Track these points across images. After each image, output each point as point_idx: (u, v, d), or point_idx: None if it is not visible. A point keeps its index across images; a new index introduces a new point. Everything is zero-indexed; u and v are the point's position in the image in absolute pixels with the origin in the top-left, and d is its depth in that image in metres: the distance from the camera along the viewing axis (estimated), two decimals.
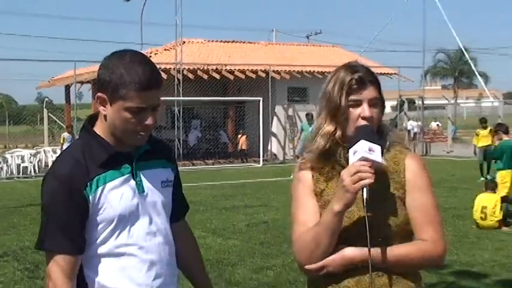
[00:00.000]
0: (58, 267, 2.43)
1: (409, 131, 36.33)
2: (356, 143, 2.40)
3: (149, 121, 2.43)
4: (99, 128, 2.53)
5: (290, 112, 30.92)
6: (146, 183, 2.57)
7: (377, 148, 2.38)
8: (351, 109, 2.51)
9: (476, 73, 44.02)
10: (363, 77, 2.54)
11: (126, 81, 2.35)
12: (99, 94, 2.42)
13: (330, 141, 2.55)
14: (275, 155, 30.46)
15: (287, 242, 10.29)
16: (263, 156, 28.72)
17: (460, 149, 31.70)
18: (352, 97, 2.52)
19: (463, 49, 41.67)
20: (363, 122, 2.50)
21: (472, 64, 44.21)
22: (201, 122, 31.73)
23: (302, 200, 2.59)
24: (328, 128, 2.54)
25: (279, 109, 30.60)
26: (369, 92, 2.54)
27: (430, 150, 34.84)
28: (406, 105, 36.69)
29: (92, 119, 2.58)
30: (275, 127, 30.68)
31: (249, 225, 12.21)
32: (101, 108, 2.45)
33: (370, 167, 2.34)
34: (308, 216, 2.54)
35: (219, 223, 12.35)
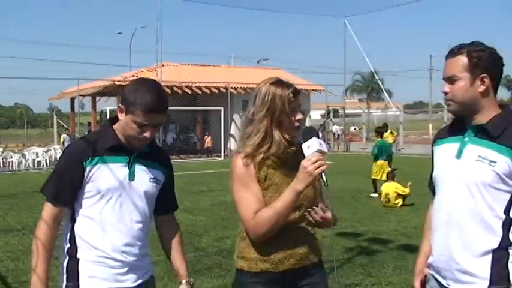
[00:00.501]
0: (46, 212, 2.52)
1: (334, 133, 36.74)
2: (307, 139, 2.42)
3: (147, 134, 2.49)
4: (117, 126, 2.58)
5: (244, 119, 30.93)
6: (137, 174, 2.57)
7: (323, 143, 2.43)
8: (290, 115, 2.53)
9: (383, 90, 44.64)
10: (296, 90, 2.58)
11: (137, 102, 2.43)
12: (120, 105, 2.52)
13: (283, 144, 2.54)
14: (233, 151, 30.47)
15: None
16: (224, 152, 28.77)
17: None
18: (291, 106, 2.53)
19: (373, 72, 42.26)
20: (296, 124, 2.55)
21: (380, 83, 44.85)
22: (176, 126, 31.67)
23: (251, 188, 2.51)
24: (277, 135, 2.53)
25: (236, 116, 30.57)
26: (299, 101, 2.59)
27: (349, 148, 35.20)
28: (331, 114, 36.99)
29: (114, 119, 2.63)
30: (233, 130, 30.63)
31: (212, 204, 12.14)
32: (119, 114, 2.53)
33: (323, 156, 2.38)
34: (253, 198, 2.49)
35: (189, 203, 12.23)
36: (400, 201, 11.60)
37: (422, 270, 2.64)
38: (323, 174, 2.37)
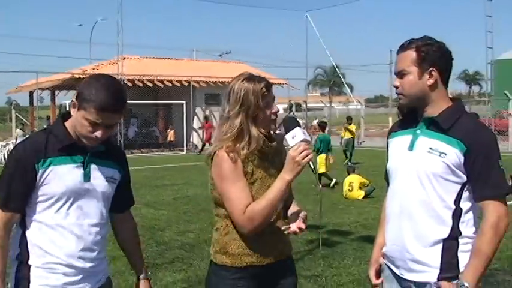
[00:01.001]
0: None
1: None
2: (291, 129, 2.45)
3: (98, 134, 2.38)
4: (69, 122, 2.46)
5: (207, 112, 30.84)
6: (93, 174, 2.47)
7: (306, 132, 2.46)
8: (265, 109, 2.57)
9: (345, 84, 45.10)
10: (269, 84, 2.61)
11: (91, 99, 2.31)
12: (74, 99, 2.38)
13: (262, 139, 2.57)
14: (195, 145, 30.36)
15: (204, 211, 10.27)
16: (186, 146, 28.65)
17: (333, 140, 32.25)
18: (264, 100, 2.56)
19: (335, 66, 42.62)
20: (272, 117, 2.60)
21: (341, 77, 45.28)
22: (138, 120, 31.36)
23: (240, 182, 2.50)
24: (254, 130, 2.55)
25: (198, 110, 30.48)
26: (272, 95, 2.63)
27: (312, 141, 35.42)
28: (294, 108, 37.18)
29: (65, 114, 2.50)
30: (195, 124, 30.53)
31: (175, 198, 12.11)
32: (72, 109, 2.41)
33: (308, 145, 2.42)
34: (243, 193, 2.49)
35: (152, 197, 12.19)
36: (361, 193, 11.79)
37: (377, 260, 2.73)
38: (310, 162, 2.41)
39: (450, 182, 2.39)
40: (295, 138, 2.41)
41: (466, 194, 2.41)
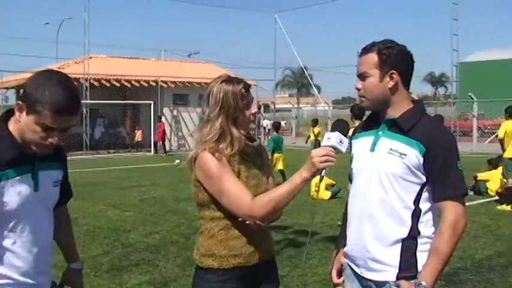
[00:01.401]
0: None
1: (264, 128, 37.07)
2: (333, 131, 2.43)
3: (54, 140, 2.15)
4: (12, 126, 2.21)
5: (175, 113, 30.73)
6: (41, 183, 2.28)
7: (345, 141, 2.42)
8: (244, 110, 2.59)
9: (313, 85, 45.40)
10: (247, 85, 2.63)
11: (45, 101, 2.04)
12: (20, 102, 2.12)
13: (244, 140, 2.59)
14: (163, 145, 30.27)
15: (171, 213, 10.25)
16: (154, 147, 28.43)
17: (301, 141, 32.41)
18: (244, 102, 2.58)
19: (303, 67, 42.86)
20: (252, 118, 2.63)
21: (309, 79, 45.56)
22: (104, 120, 31.06)
23: (231, 177, 2.49)
24: (235, 131, 2.56)
25: (166, 110, 30.29)
26: (251, 95, 2.65)
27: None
28: (262, 109, 37.31)
29: (8, 114, 2.25)
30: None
31: (142, 200, 12.00)
32: (17, 113, 2.16)
33: (335, 153, 2.37)
34: (242, 185, 2.49)
35: (118, 199, 12.06)
36: (328, 194, 11.89)
37: (339, 259, 2.77)
38: (325, 169, 2.38)
39: (410, 182, 2.44)
40: (329, 140, 2.41)
41: (425, 195, 2.46)
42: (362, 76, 2.54)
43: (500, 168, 11.60)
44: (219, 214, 2.57)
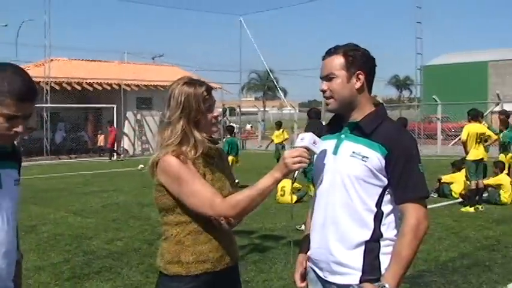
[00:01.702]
0: None
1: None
2: (307, 131, 2.43)
3: (19, 129, 2.13)
4: None
5: (138, 117, 30.50)
6: (4, 181, 2.22)
7: (319, 142, 2.44)
8: (206, 113, 2.58)
9: (278, 88, 45.60)
10: (209, 88, 2.61)
11: (6, 90, 2.04)
12: None
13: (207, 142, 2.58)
14: (126, 150, 29.92)
15: (134, 219, 10.15)
16: (117, 152, 28.11)
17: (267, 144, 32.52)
18: (206, 104, 2.57)
19: (268, 70, 42.99)
20: (213, 121, 2.62)
21: (275, 82, 45.77)
22: (65, 124, 30.59)
23: (199, 178, 2.49)
24: (198, 134, 2.54)
25: (129, 114, 30.07)
26: (213, 98, 2.64)
27: (245, 146, 35.62)
28: (227, 112, 37.31)
29: None
30: (127, 128, 30.09)
31: (104, 206, 11.85)
32: None
33: (308, 154, 2.39)
34: (207, 185, 2.49)
35: (79, 205, 11.89)
36: (293, 198, 11.92)
37: (302, 263, 2.78)
38: (297, 171, 2.40)
39: (372, 185, 2.47)
40: (302, 141, 2.42)
41: (387, 197, 2.49)
42: (328, 77, 2.56)
43: (463, 171, 11.82)
44: (185, 218, 2.55)
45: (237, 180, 12.36)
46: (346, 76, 2.52)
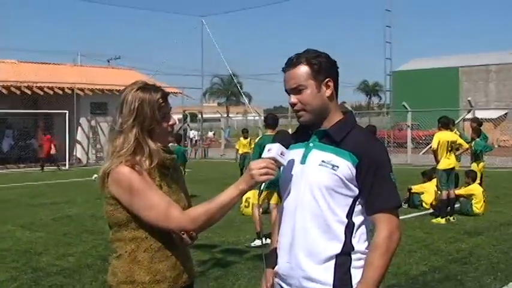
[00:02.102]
0: None
1: (191, 139, 36.90)
2: (275, 142, 2.44)
3: None
4: None
5: (93, 123, 30.18)
6: None
7: (287, 153, 2.44)
8: (162, 121, 2.54)
9: (242, 94, 45.69)
10: (165, 94, 2.58)
11: None
12: None
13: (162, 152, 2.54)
14: (79, 159, 29.62)
15: (87, 232, 10.00)
16: (69, 160, 27.76)
17: (231, 153, 32.50)
18: (161, 112, 2.54)
19: (232, 75, 43.08)
20: (169, 130, 2.60)
21: (239, 87, 45.86)
22: (13, 131, 30.03)
23: (155, 189, 2.46)
24: (152, 144, 2.50)
25: (83, 120, 29.74)
26: (169, 105, 2.61)
27: (207, 154, 35.54)
28: (188, 118, 37.17)
29: None
30: (80, 136, 29.76)
31: (55, 219, 11.65)
32: None
33: (275, 165, 2.39)
34: (166, 197, 2.46)
35: (28, 218, 11.64)
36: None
37: (269, 279, 2.75)
38: (264, 183, 2.40)
39: (342, 195, 2.48)
40: (269, 152, 2.41)
41: (358, 208, 2.51)
42: (296, 89, 2.55)
43: (434, 180, 12.00)
44: (141, 234, 2.50)
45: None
46: (315, 85, 2.53)
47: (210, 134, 46.19)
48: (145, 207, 2.43)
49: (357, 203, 2.50)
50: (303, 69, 2.53)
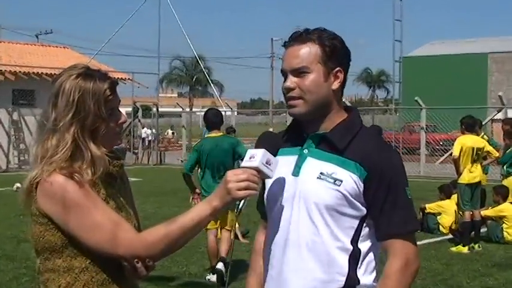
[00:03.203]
0: None
1: (143, 139, 36.71)
2: (258, 147, 2.43)
3: None
4: None
5: (15, 116, 29.90)
6: None
7: (275, 162, 2.41)
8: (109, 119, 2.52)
9: (211, 82, 45.63)
10: (114, 84, 2.57)
11: None
12: None
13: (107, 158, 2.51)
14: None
15: (5, 258, 9.95)
16: None
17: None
18: (108, 106, 2.51)
19: (197, 58, 42.98)
20: (117, 130, 2.58)
21: (206, 73, 45.76)
22: None
23: (101, 204, 2.43)
24: (95, 148, 2.47)
25: (2, 113, 29.46)
26: (118, 98, 2.59)
27: (164, 159, 35.39)
28: (140, 112, 36.97)
29: None
30: None
31: None
32: None
33: (258, 177, 2.37)
34: (114, 214, 2.44)
35: None
36: (238, 234, 11.66)
37: None
38: (244, 200, 2.40)
39: (346, 216, 2.50)
40: (251, 160, 2.39)
41: (365, 231, 2.53)
42: (298, 71, 2.55)
43: (454, 197, 12.01)
44: (80, 263, 2.47)
45: None
46: (322, 72, 2.54)
47: (169, 132, 46.11)
48: (86, 228, 2.40)
49: (364, 225, 2.52)
50: (313, 48, 2.54)
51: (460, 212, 11.38)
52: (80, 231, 2.42)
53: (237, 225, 11.37)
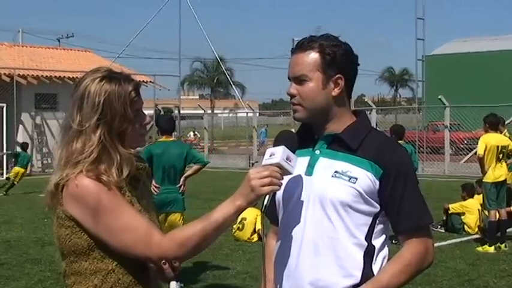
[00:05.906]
0: None
1: None
2: (277, 145, 2.48)
3: None
4: None
5: (38, 120, 30.09)
6: None
7: (294, 158, 2.46)
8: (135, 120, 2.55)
9: (232, 84, 45.64)
10: (138, 86, 2.59)
11: None
12: None
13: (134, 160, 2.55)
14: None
15: (31, 262, 9.99)
16: (6, 169, 27.62)
17: (216, 159, 32.43)
18: (134, 108, 2.54)
19: (218, 59, 43.03)
20: (142, 132, 2.62)
21: (227, 75, 45.78)
22: None
23: (128, 206, 2.46)
24: (122, 150, 2.50)
25: (25, 116, 29.62)
26: (142, 100, 2.62)
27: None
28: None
29: None
30: (21, 136, 29.61)
31: None
32: None
33: (280, 173, 2.41)
34: (143, 217, 2.48)
35: None
36: (255, 236, 11.64)
37: None
38: (268, 196, 2.42)
39: (361, 213, 2.57)
40: (272, 157, 2.43)
41: (379, 227, 2.61)
42: (298, 79, 2.63)
43: (479, 197, 11.96)
44: (107, 265, 2.49)
45: None
46: (321, 80, 2.61)
47: (191, 135, 46.20)
48: (116, 230, 2.43)
49: (377, 222, 2.60)
50: (313, 56, 2.61)
51: (486, 212, 11.33)
52: (109, 234, 2.44)
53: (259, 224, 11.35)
